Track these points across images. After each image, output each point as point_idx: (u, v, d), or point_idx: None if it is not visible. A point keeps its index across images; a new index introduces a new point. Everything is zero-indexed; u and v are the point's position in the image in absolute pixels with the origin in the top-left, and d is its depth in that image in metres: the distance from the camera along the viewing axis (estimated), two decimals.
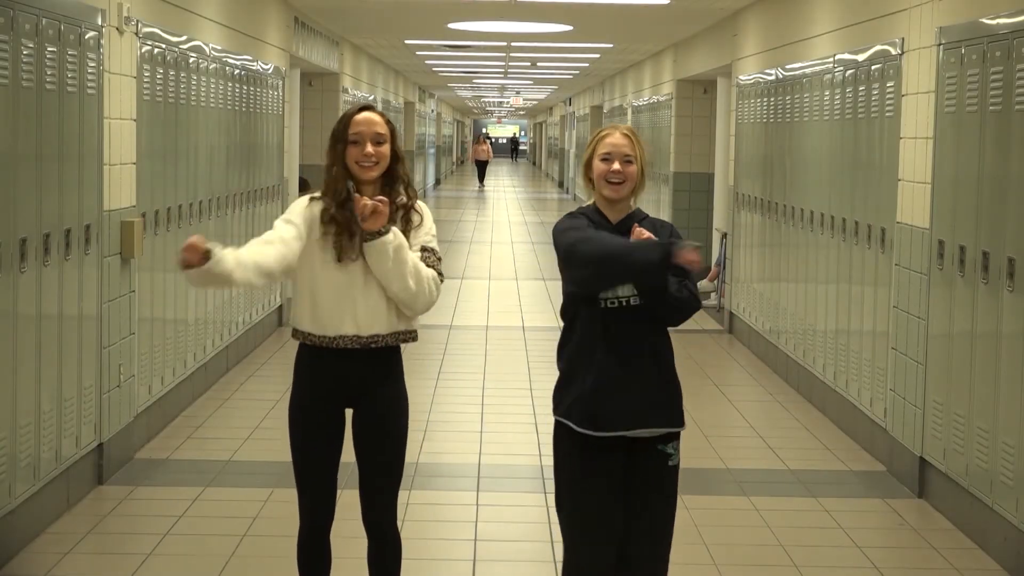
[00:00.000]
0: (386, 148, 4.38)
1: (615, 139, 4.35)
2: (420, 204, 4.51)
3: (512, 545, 6.25)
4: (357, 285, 4.35)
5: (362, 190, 4.36)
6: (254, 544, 6.08)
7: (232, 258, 4.15)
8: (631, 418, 4.29)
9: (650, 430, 4.31)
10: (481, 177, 46.43)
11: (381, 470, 4.46)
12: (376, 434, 4.44)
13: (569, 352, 4.38)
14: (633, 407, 4.28)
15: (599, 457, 4.31)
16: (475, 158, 48.94)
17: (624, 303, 4.28)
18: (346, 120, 4.39)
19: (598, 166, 4.35)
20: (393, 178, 4.42)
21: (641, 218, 4.40)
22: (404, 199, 4.43)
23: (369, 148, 4.34)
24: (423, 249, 4.42)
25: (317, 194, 4.45)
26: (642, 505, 4.34)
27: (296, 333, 4.44)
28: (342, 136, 4.38)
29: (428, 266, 4.40)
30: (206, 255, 4.06)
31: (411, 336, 4.48)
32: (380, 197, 4.27)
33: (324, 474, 4.45)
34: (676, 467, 4.39)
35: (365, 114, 4.39)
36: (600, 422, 4.29)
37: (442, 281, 4.45)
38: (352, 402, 4.44)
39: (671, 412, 4.35)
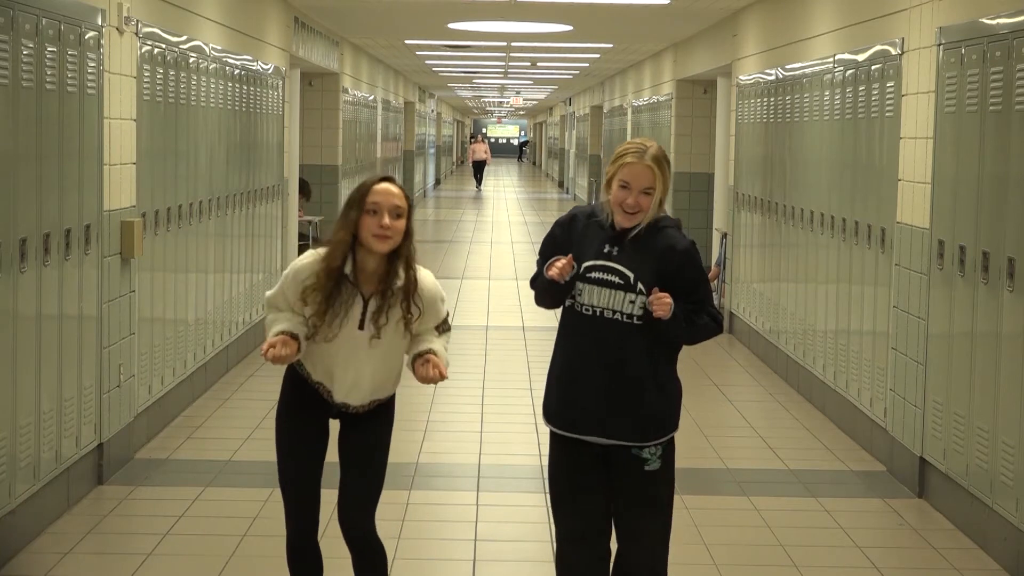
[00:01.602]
0: (402, 223, 4.26)
1: (638, 170, 4.15)
2: (424, 282, 4.34)
3: (512, 545, 6.25)
4: (337, 361, 4.35)
5: (367, 260, 4.27)
6: (254, 544, 6.08)
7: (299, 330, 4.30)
8: (588, 424, 4.25)
9: (614, 441, 4.25)
10: (479, 180, 44.73)
11: (363, 480, 4.45)
12: (360, 445, 4.45)
13: (552, 355, 4.42)
14: (590, 413, 4.23)
15: (578, 453, 4.30)
16: (472, 159, 46.52)
17: (598, 312, 4.23)
18: (365, 189, 4.26)
19: (616, 192, 4.19)
20: (396, 255, 4.27)
21: (664, 226, 4.26)
22: (401, 282, 4.28)
23: (387, 219, 4.21)
24: (437, 327, 4.42)
25: (321, 251, 4.32)
26: (625, 510, 4.31)
27: None
28: (359, 204, 4.25)
29: (442, 332, 4.44)
30: (298, 345, 4.25)
31: (386, 400, 4.49)
32: (441, 373, 4.30)
33: (306, 480, 4.46)
34: (657, 472, 4.27)
35: (385, 184, 4.28)
36: (560, 423, 4.31)
37: (450, 331, 4.50)
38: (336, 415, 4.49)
39: (646, 424, 4.24)
